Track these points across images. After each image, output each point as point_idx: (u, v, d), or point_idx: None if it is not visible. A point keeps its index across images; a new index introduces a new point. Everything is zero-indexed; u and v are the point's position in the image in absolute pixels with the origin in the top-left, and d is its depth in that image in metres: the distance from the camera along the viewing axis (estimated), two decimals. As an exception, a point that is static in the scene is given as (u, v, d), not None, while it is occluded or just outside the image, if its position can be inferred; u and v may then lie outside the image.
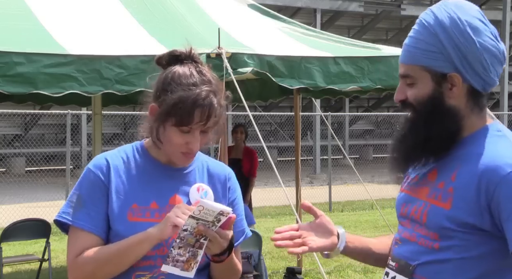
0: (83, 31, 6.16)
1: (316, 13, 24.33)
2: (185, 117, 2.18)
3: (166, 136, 2.24)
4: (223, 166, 2.48)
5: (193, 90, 2.20)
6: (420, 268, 2.06)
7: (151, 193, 2.29)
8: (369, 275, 8.80)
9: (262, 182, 18.35)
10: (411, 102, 2.08)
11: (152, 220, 2.25)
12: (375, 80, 7.04)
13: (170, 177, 2.32)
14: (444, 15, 2.04)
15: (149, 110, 2.26)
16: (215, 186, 2.39)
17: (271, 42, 7.13)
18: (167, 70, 2.28)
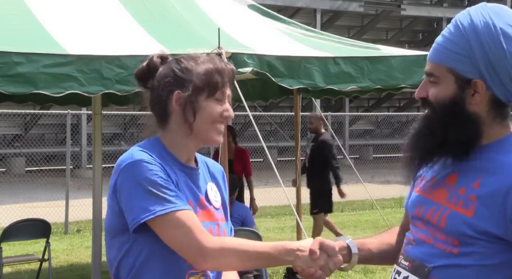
0: (83, 31, 6.16)
1: (316, 13, 24.35)
2: (218, 80, 2.26)
3: (203, 111, 2.26)
4: (217, 164, 2.52)
5: (211, 61, 2.31)
6: (436, 271, 2.04)
7: (186, 191, 2.27)
8: (369, 275, 8.79)
9: (262, 182, 18.33)
10: (431, 101, 2.06)
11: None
12: (375, 80, 7.04)
13: (191, 176, 2.32)
14: (479, 19, 1.99)
15: (174, 99, 2.26)
16: (218, 184, 2.44)
17: (271, 42, 7.14)
18: (166, 66, 2.32)
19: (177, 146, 2.31)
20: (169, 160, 2.27)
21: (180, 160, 2.31)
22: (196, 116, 2.25)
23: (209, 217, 2.30)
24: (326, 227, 10.34)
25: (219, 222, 2.32)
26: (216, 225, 2.31)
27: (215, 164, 2.49)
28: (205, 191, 2.34)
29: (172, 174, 2.24)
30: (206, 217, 2.28)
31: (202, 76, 2.26)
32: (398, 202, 15.92)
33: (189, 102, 2.25)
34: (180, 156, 2.31)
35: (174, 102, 2.26)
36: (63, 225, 12.41)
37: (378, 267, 9.21)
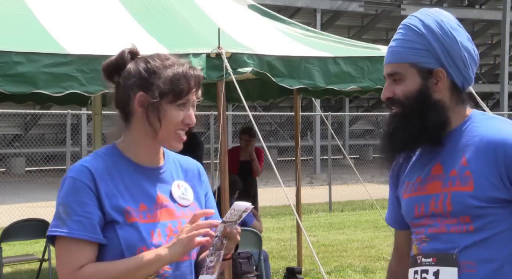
0: (83, 31, 6.16)
1: (316, 13, 24.33)
2: (184, 87, 2.24)
3: (165, 116, 2.24)
4: (193, 161, 2.49)
5: (180, 65, 2.29)
6: (462, 253, 2.12)
7: (138, 194, 2.26)
8: (369, 275, 8.80)
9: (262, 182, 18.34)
10: (400, 98, 2.21)
11: (146, 221, 2.24)
12: (375, 80, 7.04)
13: (149, 176, 2.31)
14: (427, 18, 2.25)
15: (137, 100, 2.24)
16: (192, 181, 2.41)
17: (271, 42, 7.13)
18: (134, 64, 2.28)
19: (135, 149, 2.30)
20: (121, 165, 2.27)
21: (138, 162, 2.30)
22: (161, 120, 2.24)
23: (168, 216, 2.28)
24: None
25: (180, 219, 2.28)
26: (178, 222, 2.28)
27: (189, 161, 2.46)
28: (169, 189, 2.32)
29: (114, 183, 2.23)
30: (164, 215, 2.27)
31: (168, 80, 2.24)
32: (398, 202, 15.92)
33: (153, 106, 2.23)
34: (137, 158, 2.30)
35: (137, 103, 2.24)
36: (63, 225, 12.40)
37: (378, 266, 9.21)
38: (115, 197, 2.22)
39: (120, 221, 2.21)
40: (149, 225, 2.23)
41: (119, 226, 2.20)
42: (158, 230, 2.24)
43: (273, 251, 10.29)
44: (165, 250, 2.17)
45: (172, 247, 2.17)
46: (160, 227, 2.25)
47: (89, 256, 2.18)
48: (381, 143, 2.30)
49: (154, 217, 2.25)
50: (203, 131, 22.26)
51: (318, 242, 11.07)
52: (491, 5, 28.36)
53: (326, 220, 13.79)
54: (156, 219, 2.25)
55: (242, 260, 7.17)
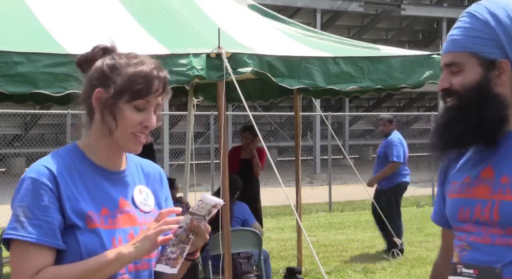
0: (83, 30, 6.16)
1: (316, 13, 24.33)
2: (143, 87, 2.11)
3: (120, 116, 2.13)
4: (155, 165, 2.40)
5: (145, 64, 2.16)
6: (508, 269, 1.96)
7: (100, 198, 2.15)
8: (369, 275, 8.80)
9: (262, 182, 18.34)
10: (457, 89, 2.05)
11: (107, 227, 2.13)
12: (375, 80, 7.04)
13: (110, 180, 2.20)
14: (494, 6, 2.07)
15: (94, 96, 2.14)
16: (153, 186, 2.32)
17: (271, 42, 7.13)
18: (103, 59, 2.18)
19: (96, 150, 2.20)
20: (82, 167, 2.17)
21: (100, 164, 2.19)
22: (116, 119, 2.12)
23: (130, 222, 2.18)
24: None
25: (142, 226, 2.18)
26: (140, 229, 2.17)
27: (150, 166, 2.36)
28: (131, 194, 2.22)
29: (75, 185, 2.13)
30: (126, 222, 2.17)
31: (126, 78, 2.12)
32: (398, 202, 15.91)
33: (108, 104, 2.12)
34: (99, 160, 2.19)
35: (94, 99, 2.15)
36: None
37: (378, 266, 9.21)
38: (77, 200, 2.11)
39: (81, 226, 2.10)
40: (111, 231, 2.13)
41: (79, 232, 2.09)
42: (119, 237, 2.14)
43: (273, 251, 10.29)
44: (128, 248, 2.07)
45: (137, 245, 2.08)
46: (122, 234, 2.15)
47: (46, 262, 2.07)
48: (432, 138, 2.11)
49: (115, 223, 2.15)
50: (203, 131, 22.26)
51: (318, 242, 11.07)
52: (491, 5, 28.30)
53: (326, 220, 13.78)
54: (118, 225, 2.15)
55: (242, 260, 7.18)
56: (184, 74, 6.01)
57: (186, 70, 6.00)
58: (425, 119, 26.31)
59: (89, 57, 2.21)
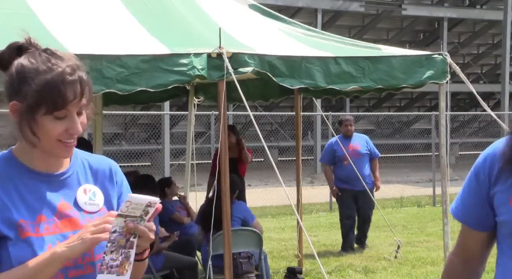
0: (83, 30, 6.16)
1: (317, 13, 24.33)
2: (57, 99, 1.94)
3: (41, 129, 1.98)
4: (106, 160, 2.23)
5: (55, 70, 1.97)
6: None
7: (35, 205, 2.03)
8: (369, 275, 8.80)
9: (263, 182, 18.35)
10: None
11: (43, 234, 2.01)
12: (376, 80, 7.04)
13: (49, 183, 2.07)
14: None
15: (11, 109, 1.99)
16: (102, 183, 2.17)
17: (272, 42, 7.13)
18: (16, 64, 2.03)
19: (30, 154, 2.06)
20: (17, 174, 2.05)
21: (36, 168, 2.06)
22: (36, 134, 1.98)
23: (70, 226, 2.05)
24: None
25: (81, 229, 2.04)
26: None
27: (100, 161, 2.21)
28: (72, 195, 2.09)
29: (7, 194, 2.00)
30: (66, 226, 2.05)
31: (37, 91, 1.94)
32: (399, 201, 15.92)
33: (24, 118, 1.97)
34: (34, 165, 2.07)
35: (11, 112, 2.00)
36: (63, 224, 12.41)
37: (379, 266, 9.21)
38: (8, 210, 1.98)
39: (12, 237, 1.97)
40: (47, 238, 2.00)
41: (11, 243, 1.97)
42: (58, 243, 2.00)
43: (273, 251, 10.29)
44: (62, 247, 1.94)
45: (72, 244, 1.94)
46: (60, 240, 2.02)
47: None
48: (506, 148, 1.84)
49: (53, 229, 2.02)
50: (203, 131, 22.25)
51: (319, 242, 11.07)
52: (492, 5, 28.33)
53: (326, 220, 13.78)
54: (56, 231, 2.03)
55: (243, 260, 7.18)
56: (185, 74, 6.01)
57: (187, 70, 6.01)
58: (426, 119, 26.29)
59: (4, 58, 2.07)
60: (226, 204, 6.44)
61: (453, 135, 28.23)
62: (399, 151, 24.96)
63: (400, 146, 25.45)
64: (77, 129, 2.01)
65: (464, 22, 28.53)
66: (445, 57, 7.33)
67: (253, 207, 11.27)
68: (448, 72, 7.36)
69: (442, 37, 26.11)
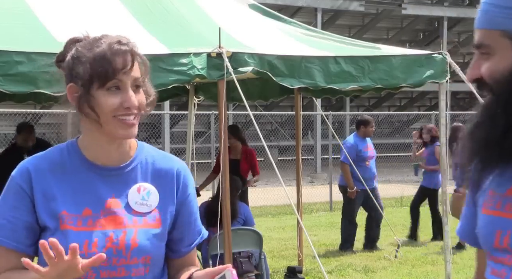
0: (83, 30, 6.15)
1: (317, 12, 24.34)
2: (107, 68, 1.93)
3: (97, 105, 1.95)
4: (173, 160, 2.14)
5: (104, 43, 1.98)
6: None
7: (84, 198, 2.01)
8: (370, 275, 8.79)
9: (263, 182, 18.33)
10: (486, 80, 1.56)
11: (84, 228, 1.97)
12: (376, 79, 7.04)
13: (104, 177, 2.03)
14: None
15: (68, 94, 2.03)
16: (161, 185, 2.08)
17: (272, 42, 7.13)
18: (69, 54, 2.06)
19: (89, 145, 2.05)
20: (74, 163, 2.04)
21: (94, 160, 2.04)
22: (95, 109, 1.96)
23: (113, 224, 2.00)
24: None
25: (127, 229, 1.99)
26: (122, 232, 1.99)
27: (166, 160, 2.12)
28: (127, 192, 2.03)
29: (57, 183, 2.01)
30: (109, 223, 2.00)
31: (88, 65, 1.96)
32: (399, 201, 15.92)
33: (81, 96, 1.98)
34: (93, 156, 2.04)
35: (69, 96, 2.03)
36: (64, 224, 12.42)
37: (379, 266, 9.21)
38: (54, 200, 1.99)
39: (52, 227, 1.97)
40: (85, 233, 1.97)
41: (50, 233, 1.96)
42: (95, 240, 1.96)
43: (274, 250, 10.29)
44: (51, 271, 1.84)
45: (59, 271, 1.84)
46: (99, 236, 1.97)
47: (8, 264, 1.97)
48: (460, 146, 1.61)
49: (95, 224, 1.98)
50: (203, 131, 22.26)
51: (319, 241, 11.07)
52: (492, 4, 28.29)
53: (327, 220, 13.78)
54: (97, 227, 1.98)
55: (243, 259, 7.18)
56: (184, 73, 6.01)
57: (186, 70, 6.01)
58: (426, 119, 26.29)
59: (62, 53, 2.09)
60: (226, 204, 6.44)
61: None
62: (399, 151, 24.95)
63: (400, 145, 25.45)
64: (132, 102, 1.95)
65: (464, 21, 28.53)
66: (445, 56, 7.32)
67: (253, 206, 11.27)
68: (448, 71, 7.36)
69: (442, 36, 26.11)
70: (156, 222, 2.04)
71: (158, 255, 2.05)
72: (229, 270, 1.87)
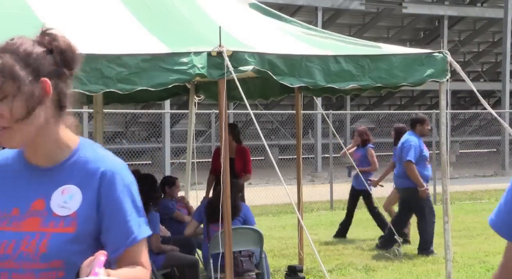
0: (83, 30, 6.16)
1: (318, 11, 24.32)
2: None
3: None
4: (103, 161, 2.05)
5: None
6: None
7: (15, 197, 2.00)
8: (370, 273, 8.79)
9: (264, 181, 18.35)
10: None
11: (7, 228, 1.96)
12: (376, 78, 7.03)
13: (40, 178, 2.01)
14: None
15: None
16: (87, 187, 2.01)
17: (272, 41, 7.13)
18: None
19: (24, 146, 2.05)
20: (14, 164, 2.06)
21: (29, 160, 2.04)
22: None
23: (32, 226, 1.97)
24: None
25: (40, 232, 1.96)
26: (36, 235, 1.95)
27: (95, 163, 2.03)
28: (50, 195, 1.99)
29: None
30: (29, 225, 1.97)
31: None
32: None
33: None
34: (29, 156, 2.05)
35: None
36: (64, 223, 12.42)
37: (380, 265, 9.21)
38: None
39: None
40: (6, 233, 1.96)
41: None
42: (13, 241, 1.95)
43: (274, 249, 10.29)
44: None
45: None
46: (17, 238, 1.95)
47: None
48: None
49: (18, 225, 1.96)
50: (204, 130, 22.26)
51: (320, 240, 11.07)
52: (493, 3, 28.31)
53: (327, 218, 13.78)
54: (19, 228, 1.96)
55: (243, 259, 7.18)
56: (185, 72, 6.01)
57: (187, 69, 6.01)
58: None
59: None
60: (227, 203, 6.44)
61: (454, 133, 28.23)
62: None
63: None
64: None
65: (465, 20, 28.51)
66: (445, 55, 7.32)
67: (253, 205, 11.28)
68: (449, 70, 7.36)
69: (443, 35, 26.10)
70: (71, 226, 1.97)
71: (72, 259, 1.96)
72: (99, 256, 1.85)
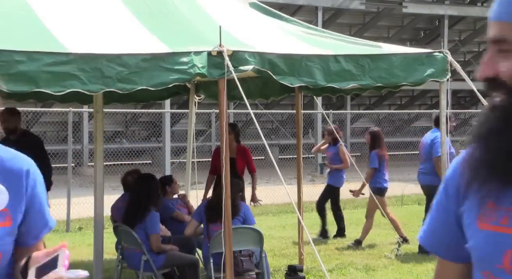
0: (84, 29, 6.16)
1: (318, 10, 24.31)
2: None
3: None
4: (23, 160, 2.14)
5: None
6: None
7: None
8: (370, 273, 8.80)
9: (264, 180, 18.33)
10: (506, 79, 1.37)
11: None
12: (376, 78, 7.04)
13: None
14: None
15: None
16: (12, 184, 2.08)
17: (272, 40, 7.13)
18: None
19: None
20: None
21: None
22: None
23: None
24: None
25: None
26: None
27: (16, 160, 2.12)
28: None
29: None
30: None
31: None
32: (400, 199, 15.91)
33: None
34: None
35: None
36: (64, 223, 12.42)
37: (380, 264, 9.21)
38: None
39: None
40: None
41: None
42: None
43: (274, 249, 10.29)
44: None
45: None
46: None
47: None
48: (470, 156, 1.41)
49: None
50: (204, 129, 22.26)
51: (320, 240, 11.07)
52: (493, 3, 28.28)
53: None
54: None
55: (244, 258, 7.18)
56: (185, 72, 6.01)
57: (187, 68, 6.01)
58: (427, 117, 26.29)
59: None
60: (227, 203, 6.44)
61: (454, 133, 28.22)
62: (400, 149, 24.96)
63: (401, 144, 25.46)
64: None
65: (465, 20, 28.50)
66: (445, 55, 7.32)
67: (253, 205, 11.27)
68: (449, 70, 7.36)
69: (443, 35, 26.10)
70: (6, 220, 2.06)
71: (8, 251, 2.08)
72: (63, 249, 1.95)
